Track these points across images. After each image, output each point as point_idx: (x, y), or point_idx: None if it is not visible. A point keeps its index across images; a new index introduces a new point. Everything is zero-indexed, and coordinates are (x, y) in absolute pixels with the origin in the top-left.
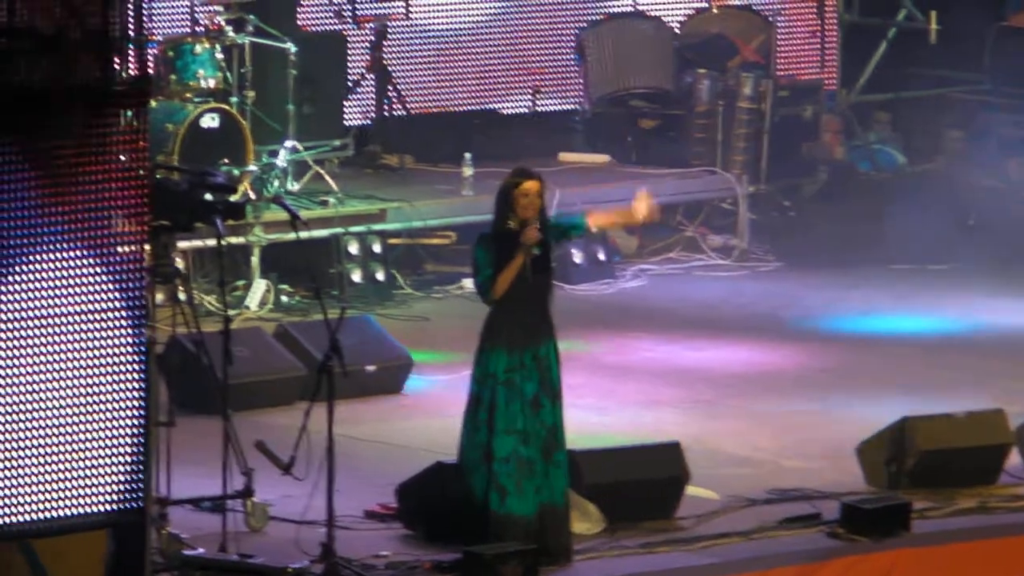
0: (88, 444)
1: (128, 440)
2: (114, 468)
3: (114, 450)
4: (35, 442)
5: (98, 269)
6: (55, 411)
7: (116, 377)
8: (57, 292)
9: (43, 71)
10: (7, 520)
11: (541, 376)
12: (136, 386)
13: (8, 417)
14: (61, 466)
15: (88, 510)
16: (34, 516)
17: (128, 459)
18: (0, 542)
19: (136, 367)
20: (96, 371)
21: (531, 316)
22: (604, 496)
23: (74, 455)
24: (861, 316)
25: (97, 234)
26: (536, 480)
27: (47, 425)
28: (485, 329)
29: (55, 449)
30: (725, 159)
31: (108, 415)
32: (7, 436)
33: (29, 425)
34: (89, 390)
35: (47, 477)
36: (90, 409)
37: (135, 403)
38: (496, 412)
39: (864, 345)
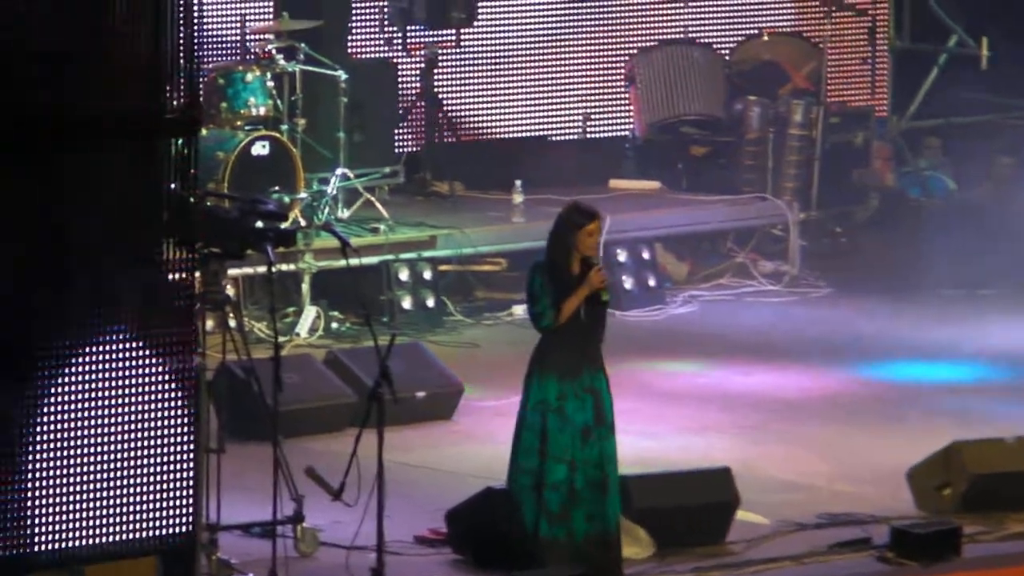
0: (138, 470)
1: (178, 466)
2: (164, 494)
3: (164, 476)
4: (86, 468)
5: (148, 297)
6: (106, 438)
7: (166, 404)
8: (106, 320)
9: (93, 100)
10: (58, 546)
11: (594, 406)
12: (186, 413)
13: (60, 444)
14: (112, 492)
15: (138, 536)
16: (85, 542)
17: (178, 485)
18: (52, 568)
19: (186, 394)
20: (146, 398)
21: (583, 347)
22: (654, 521)
23: (125, 481)
24: (911, 341)
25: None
26: (585, 508)
27: (98, 452)
28: (536, 356)
29: (106, 475)
30: (776, 186)
31: (158, 442)
32: (58, 463)
33: (80, 452)
34: (139, 417)
35: (98, 503)
36: (140, 436)
37: (185, 430)
38: (548, 439)
39: (914, 370)
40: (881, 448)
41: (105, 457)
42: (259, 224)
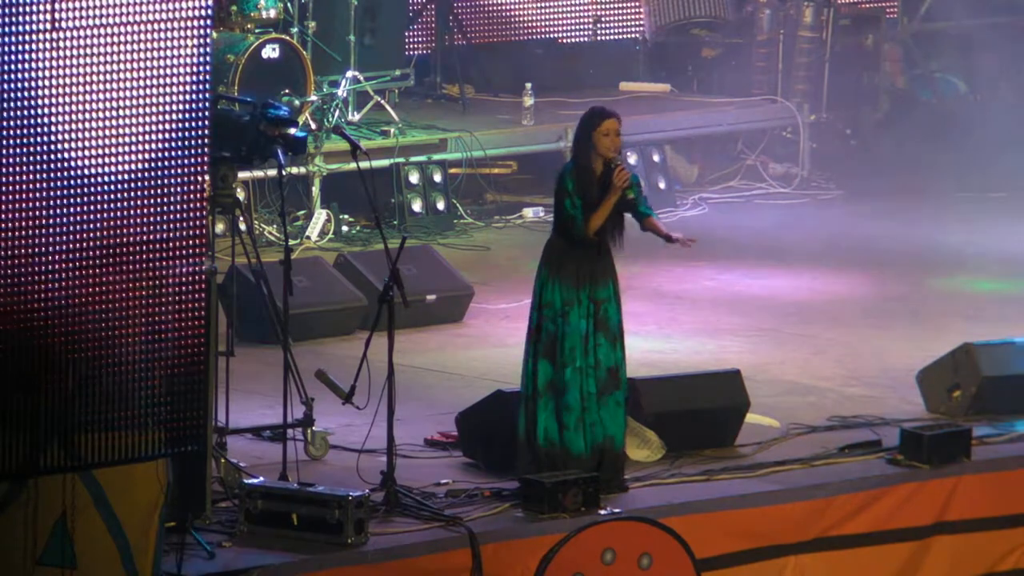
0: (149, 374)
1: (188, 370)
2: (174, 397)
3: (174, 379)
4: (96, 371)
5: (159, 200)
6: (116, 341)
7: (177, 307)
8: (118, 222)
9: None
10: (69, 450)
11: (596, 316)
12: (196, 316)
13: (71, 347)
14: (123, 396)
15: (149, 440)
16: (96, 446)
17: (188, 388)
18: (62, 472)
19: (196, 297)
20: (157, 301)
21: (596, 256)
22: (665, 424)
23: (135, 385)
24: (922, 244)
25: (157, 166)
26: (591, 416)
27: (109, 355)
28: (546, 260)
29: (117, 379)
30: (786, 88)
31: (169, 345)
32: (70, 367)
33: (92, 355)
34: (150, 320)
35: (109, 407)
36: (151, 339)
37: (195, 333)
38: (555, 344)
39: (925, 272)
40: (891, 350)
41: (115, 360)
42: (269, 128)
